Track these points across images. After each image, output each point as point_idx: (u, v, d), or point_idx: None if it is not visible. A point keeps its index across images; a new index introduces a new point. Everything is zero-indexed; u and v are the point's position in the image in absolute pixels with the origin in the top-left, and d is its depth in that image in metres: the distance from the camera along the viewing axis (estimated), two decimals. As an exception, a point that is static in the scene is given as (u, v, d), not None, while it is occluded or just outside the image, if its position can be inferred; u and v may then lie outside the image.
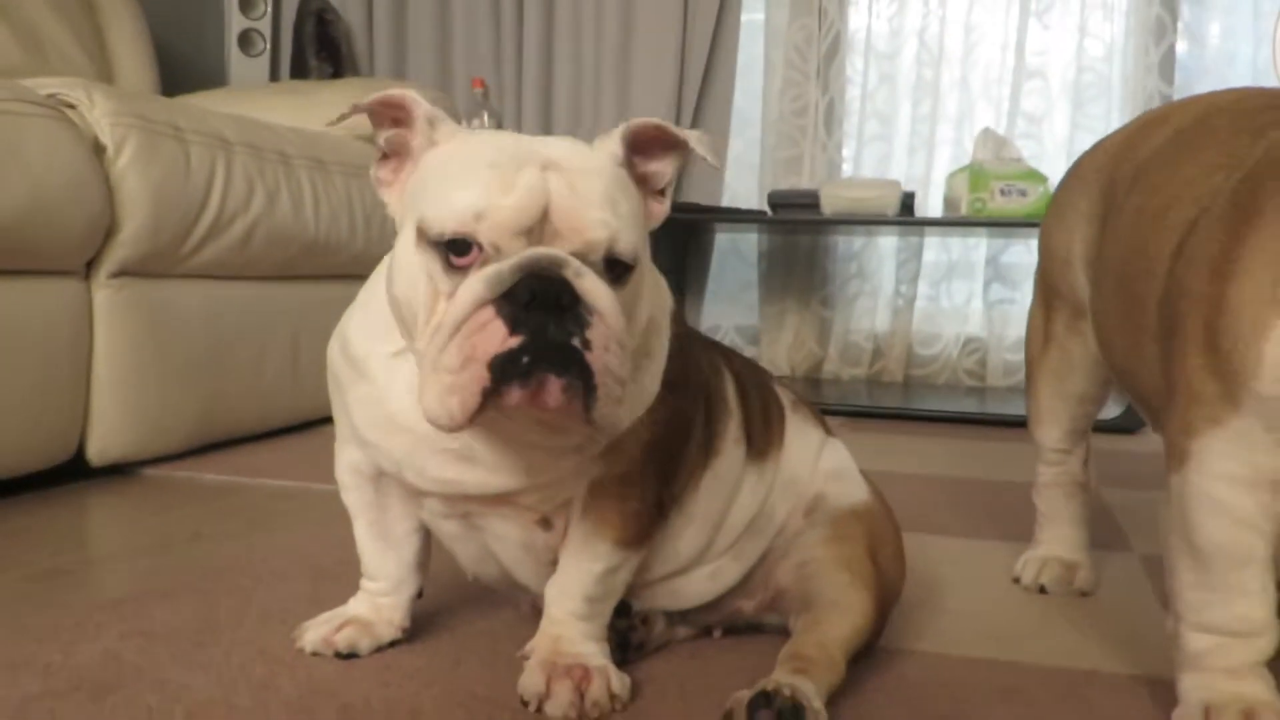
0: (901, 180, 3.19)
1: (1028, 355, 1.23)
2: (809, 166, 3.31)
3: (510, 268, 0.70)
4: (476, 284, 0.70)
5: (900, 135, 3.30)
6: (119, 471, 1.73)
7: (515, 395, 0.69)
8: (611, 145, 0.79)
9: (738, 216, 3.06)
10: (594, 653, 0.85)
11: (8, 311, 1.50)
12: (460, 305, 0.70)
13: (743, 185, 3.44)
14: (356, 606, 0.96)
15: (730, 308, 3.49)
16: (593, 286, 0.71)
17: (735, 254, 3.49)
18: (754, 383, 1.01)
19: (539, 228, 0.72)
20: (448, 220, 0.72)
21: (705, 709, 0.82)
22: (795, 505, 0.98)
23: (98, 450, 1.67)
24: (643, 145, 0.80)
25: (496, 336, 0.69)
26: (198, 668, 0.89)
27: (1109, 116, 3.09)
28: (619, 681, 0.84)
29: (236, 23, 3.53)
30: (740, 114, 3.41)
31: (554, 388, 0.69)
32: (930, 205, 3.14)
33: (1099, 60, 3.13)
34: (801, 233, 3.32)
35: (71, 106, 1.65)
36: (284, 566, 1.20)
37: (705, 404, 0.92)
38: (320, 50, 3.51)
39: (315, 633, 0.93)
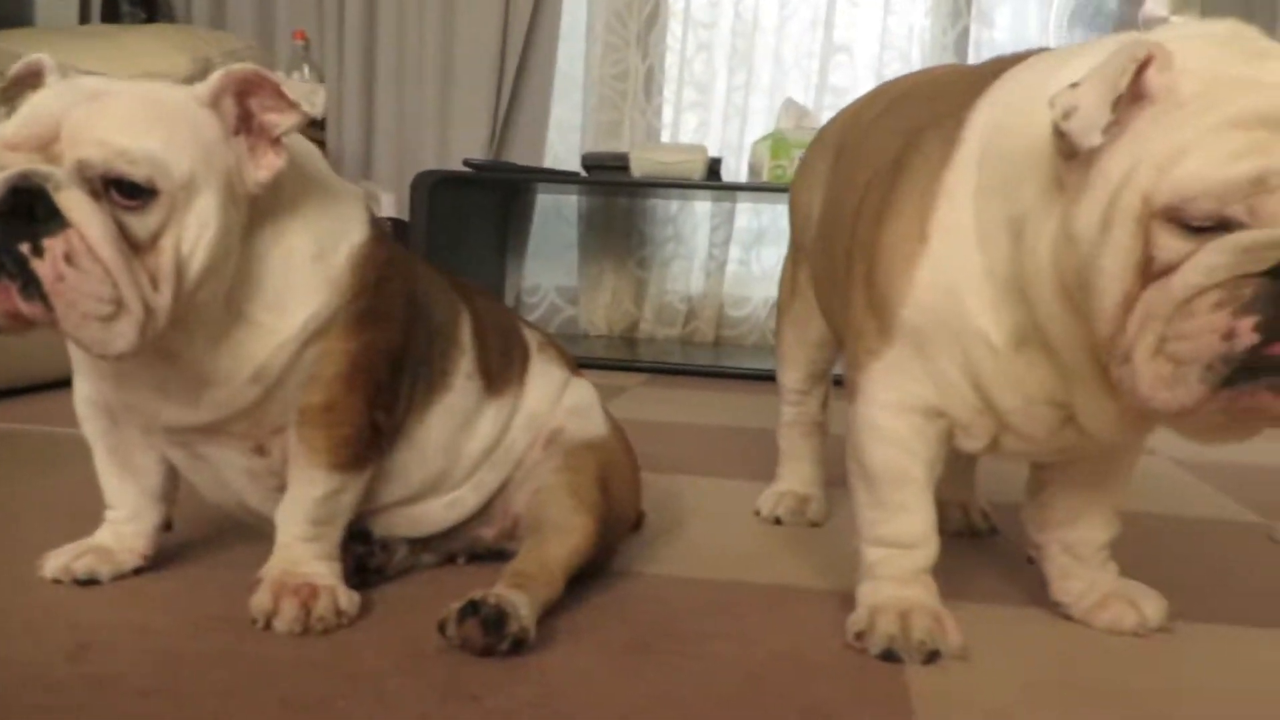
0: (716, 147, 3.30)
1: (778, 305, 1.33)
2: (629, 131, 3.38)
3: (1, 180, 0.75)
4: None
5: (716, 103, 3.40)
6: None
7: None
8: (200, 88, 0.83)
9: (550, 177, 3.11)
10: (323, 572, 0.90)
11: None
12: None
13: (565, 147, 3.49)
14: (99, 535, 0.98)
15: (550, 268, 3.55)
16: (72, 200, 0.75)
17: (557, 215, 3.54)
18: (496, 323, 1.07)
19: (55, 147, 0.77)
20: None
21: (430, 622, 0.88)
22: (535, 439, 1.05)
23: None
24: (248, 92, 0.84)
25: None
26: (-70, 595, 0.91)
27: (909, 92, 3.25)
28: (346, 599, 0.89)
29: (41, -41, 3.38)
30: (564, 77, 3.46)
31: (14, 294, 0.75)
32: (742, 172, 3.25)
33: (901, 39, 3.29)
34: (619, 195, 3.40)
35: None
36: (48, 507, 1.21)
37: (430, 341, 0.97)
38: (131, -6, 3.39)
39: (56, 561, 0.95)
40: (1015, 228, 0.79)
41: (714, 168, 2.86)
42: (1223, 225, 0.67)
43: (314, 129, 3.30)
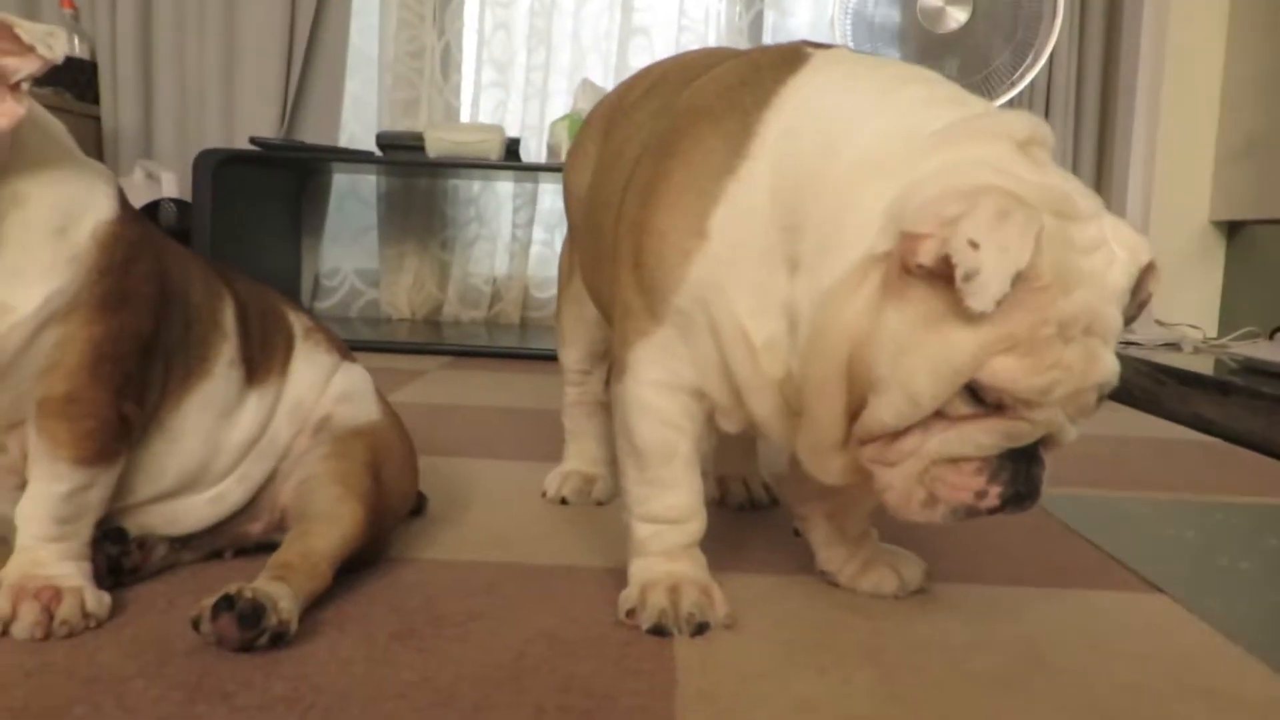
0: (517, 127, 3.28)
1: (558, 285, 1.33)
2: (426, 110, 3.33)
3: None
4: None
5: (516, 83, 3.38)
6: None
7: None
8: None
9: (344, 156, 3.03)
10: (69, 574, 0.85)
11: None
12: None
13: (360, 126, 3.41)
14: None
15: (349, 250, 3.47)
16: None
17: (354, 196, 3.46)
18: (259, 308, 1.03)
19: None
20: None
21: (184, 621, 0.84)
22: (301, 428, 1.01)
23: None
24: None
25: None
26: None
27: (705, 75, 3.31)
28: (94, 600, 0.85)
29: None
30: (358, 53, 3.38)
31: None
32: (543, 152, 3.24)
33: (698, 22, 3.35)
34: (419, 176, 3.34)
35: None
36: None
37: (187, 328, 0.93)
38: (-128, -46, 3.11)
39: None
40: (792, 266, 0.81)
41: (513, 148, 2.84)
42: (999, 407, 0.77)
43: (86, 104, 3.12)
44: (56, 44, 0.79)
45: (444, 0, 3.31)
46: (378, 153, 2.93)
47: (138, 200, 2.89)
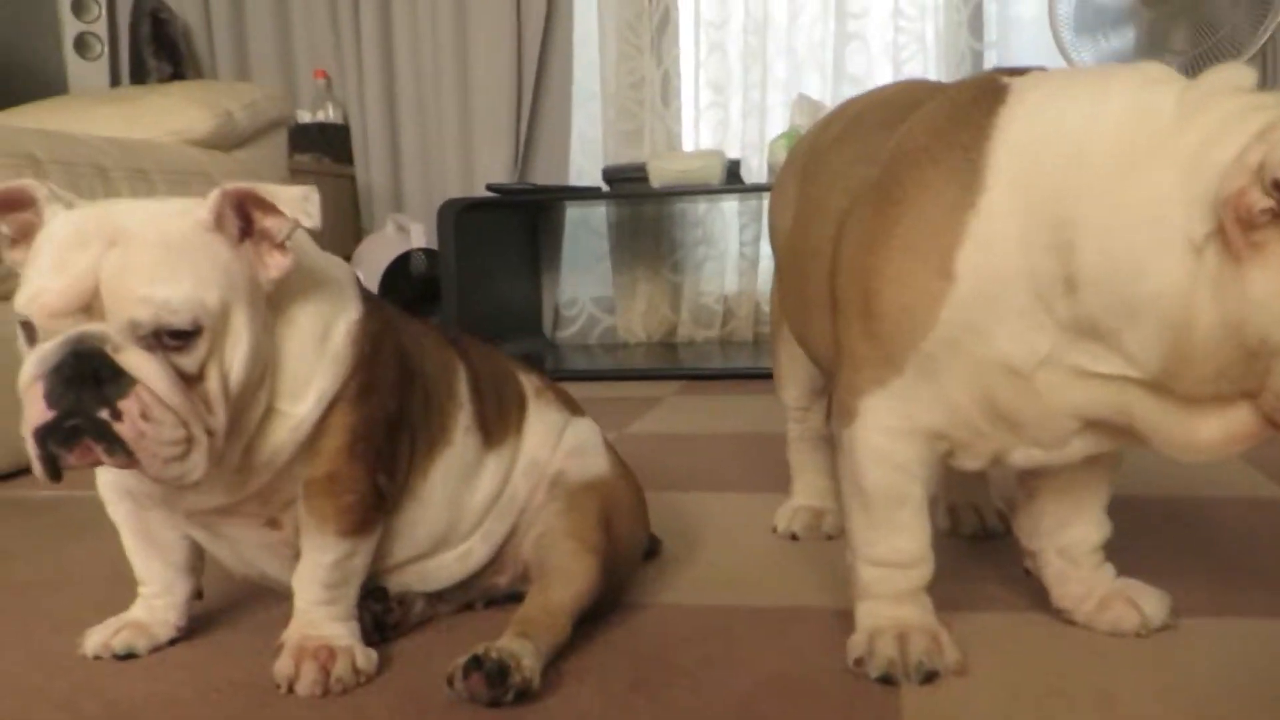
0: (738, 146, 3.32)
1: (770, 324, 1.35)
2: (649, 138, 3.41)
3: (54, 346, 0.80)
4: (28, 363, 0.81)
5: (734, 103, 3.41)
6: (-51, 493, 1.77)
7: (69, 460, 0.81)
8: (200, 211, 0.86)
9: (571, 194, 3.15)
10: (340, 634, 0.95)
11: None
12: (20, 382, 0.81)
13: (588, 159, 3.53)
14: (135, 610, 1.04)
15: (585, 280, 3.60)
16: (134, 359, 0.80)
17: (586, 227, 3.59)
18: (492, 373, 1.10)
19: (96, 303, 0.81)
20: (16, 305, 0.82)
21: (443, 675, 0.92)
22: (537, 484, 1.08)
23: (-77, 475, 1.71)
24: (243, 204, 0.87)
25: (37, 410, 0.80)
26: (-20, 680, 0.97)
27: (926, 74, 3.24)
28: (364, 658, 0.94)
29: (70, 27, 3.50)
30: (581, 88, 3.50)
31: (98, 451, 0.80)
32: (765, 170, 3.26)
33: (914, 21, 3.28)
34: (645, 203, 3.43)
35: None
36: (88, 576, 1.27)
37: (429, 400, 1.01)
38: (159, 50, 3.50)
39: (95, 638, 1.01)
40: (1069, 285, 0.79)
41: (734, 170, 2.88)
42: None
43: (341, 164, 3.38)
44: (313, 209, 0.87)
45: (660, 29, 3.39)
46: (604, 187, 3.03)
47: (390, 252, 3.11)
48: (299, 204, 0.86)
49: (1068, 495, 0.99)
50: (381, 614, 1.02)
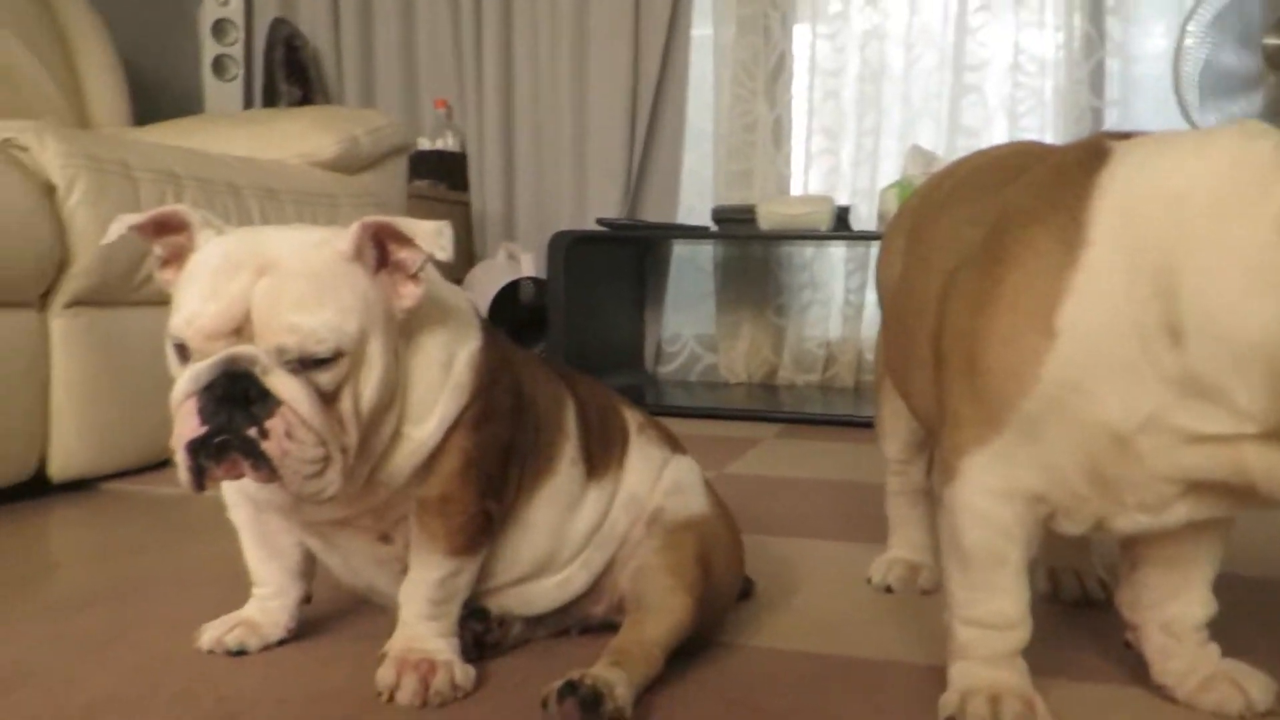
0: (848, 193, 3.33)
1: (875, 378, 1.36)
2: (759, 180, 3.44)
3: (207, 366, 0.85)
4: (182, 381, 0.86)
5: (846, 149, 3.42)
6: (81, 486, 1.86)
7: (216, 473, 0.86)
8: (341, 242, 0.91)
9: (679, 233, 3.20)
10: (441, 649, 0.98)
11: (-35, 343, 1.63)
12: (173, 399, 0.86)
13: (698, 198, 3.57)
14: (248, 610, 1.09)
15: (689, 317, 3.63)
16: (280, 382, 0.85)
17: (693, 265, 3.62)
18: (598, 408, 1.13)
19: (247, 327, 0.86)
20: (171, 326, 0.88)
21: (537, 697, 0.95)
22: (636, 518, 1.10)
23: (59, 467, 1.81)
24: (380, 237, 0.92)
25: (190, 425, 0.85)
26: (100, 667, 1.02)
27: (1043, 130, 3.22)
28: (462, 674, 0.97)
29: (210, 49, 3.67)
30: (693, 128, 3.54)
31: (245, 466, 0.85)
32: (874, 218, 3.26)
33: (1033, 76, 3.25)
34: (753, 244, 3.45)
35: (24, 149, 1.78)
36: (208, 574, 1.33)
37: (538, 431, 1.04)
38: (290, 75, 3.64)
39: (211, 633, 1.06)
40: (1174, 335, 0.79)
41: (842, 216, 2.89)
42: None
43: (458, 191, 3.48)
44: (446, 242, 0.92)
45: (774, 74, 3.42)
46: (713, 227, 3.06)
47: (500, 279, 3.18)
48: (434, 238, 0.91)
49: (1174, 568, 0.97)
50: (482, 633, 1.05)
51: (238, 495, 1.06)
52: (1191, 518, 0.87)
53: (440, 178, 3.50)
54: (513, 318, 3.25)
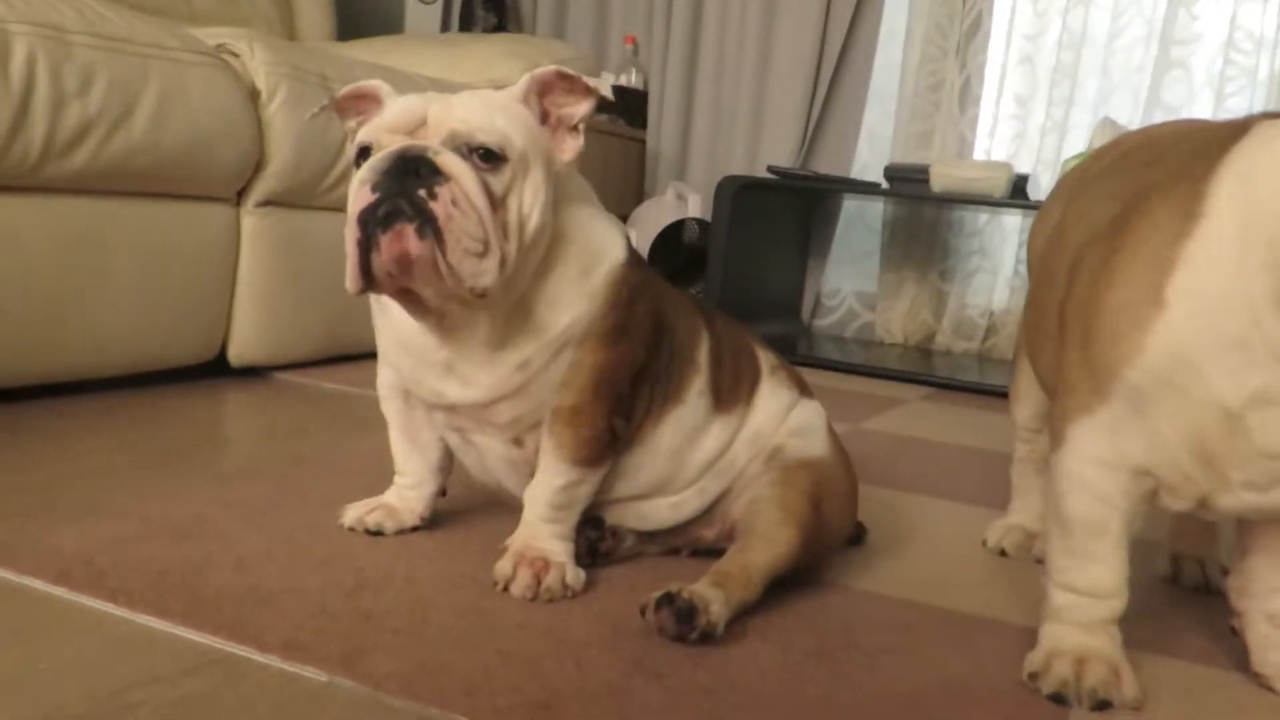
0: (1031, 161, 3.23)
1: (1016, 341, 1.35)
2: (940, 142, 3.37)
3: (384, 155, 0.93)
4: (362, 170, 0.94)
5: (1035, 117, 3.32)
6: (255, 373, 2.02)
7: (383, 244, 0.91)
8: (513, 89, 1.01)
9: (848, 187, 3.17)
10: (557, 550, 1.05)
11: (168, 230, 1.78)
12: (352, 186, 0.94)
13: (874, 156, 3.52)
14: (388, 495, 1.18)
15: (851, 272, 3.60)
16: (449, 160, 0.93)
17: (861, 222, 3.58)
18: (733, 346, 1.17)
19: (421, 131, 0.95)
20: (359, 136, 0.99)
21: (638, 606, 1.01)
22: (758, 454, 1.14)
23: (237, 353, 1.96)
24: (548, 90, 1.01)
25: (364, 198, 0.92)
26: (257, 529, 1.13)
27: (1251, 110, 3.04)
28: (573, 575, 1.04)
29: (414, -28, 3.80)
30: (878, 85, 3.49)
31: (409, 233, 0.91)
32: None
33: (1248, 54, 3.08)
34: (923, 206, 3.40)
35: (236, 55, 1.92)
36: (358, 462, 1.44)
37: (670, 359, 1.09)
38: (487, 2, 3.75)
39: (353, 513, 1.16)
40: None
41: (1020, 184, 2.81)
42: None
43: (635, 129, 3.53)
44: (606, 88, 1.04)
45: (969, 34, 3.33)
46: (884, 184, 3.03)
47: (666, 217, 3.23)
48: (598, 82, 1.00)
49: (1287, 559, 0.96)
50: (596, 540, 1.11)
51: (390, 389, 1.15)
52: None
53: (620, 114, 3.56)
54: (675, 257, 3.30)
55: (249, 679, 0.82)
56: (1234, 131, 0.87)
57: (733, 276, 3.05)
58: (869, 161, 3.52)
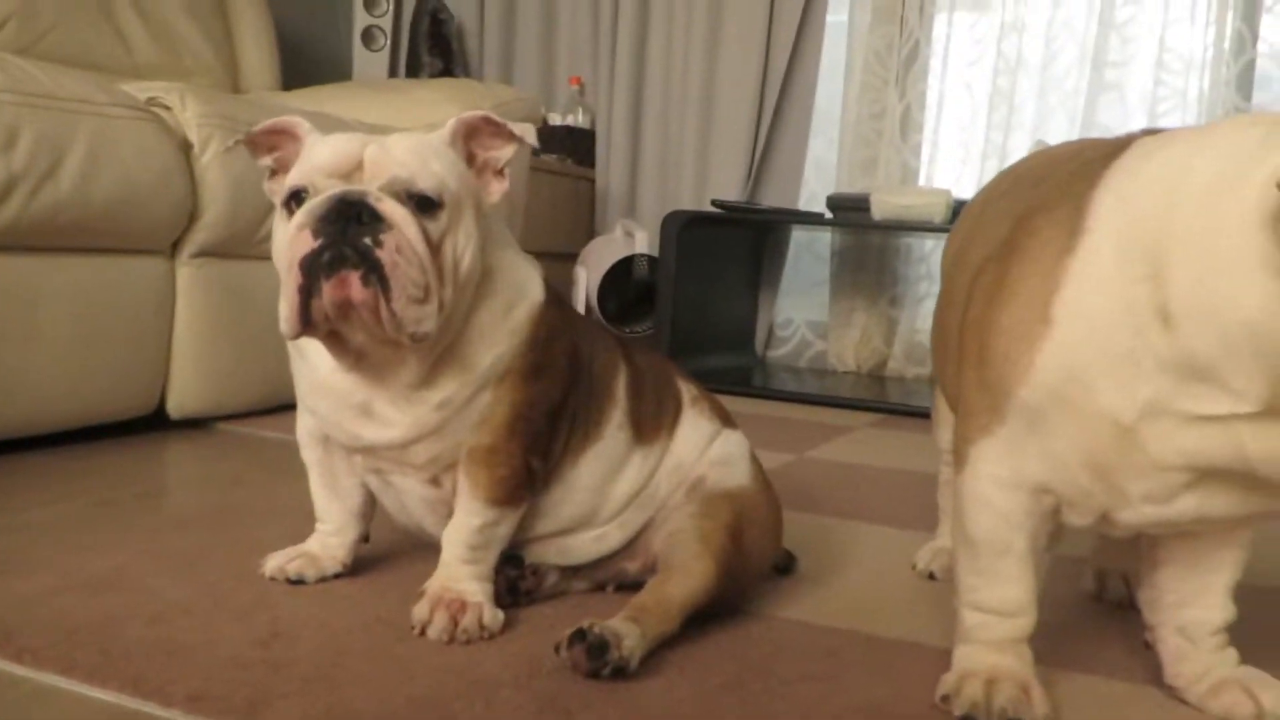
0: (973, 187, 3.28)
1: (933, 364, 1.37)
2: (883, 170, 3.41)
3: (322, 198, 0.94)
4: (299, 214, 0.94)
5: (975, 142, 3.37)
6: (197, 425, 2.01)
7: (325, 290, 0.91)
8: (441, 131, 1.02)
9: (796, 218, 3.20)
10: (475, 591, 1.05)
11: (102, 283, 1.78)
12: (289, 229, 0.94)
13: (821, 185, 3.56)
14: (309, 543, 1.18)
15: (803, 303, 3.63)
16: (391, 207, 0.93)
17: (810, 252, 3.62)
18: (654, 378, 1.18)
19: (357, 175, 0.96)
20: (290, 180, 0.98)
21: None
22: (678, 485, 1.15)
23: (177, 405, 1.95)
24: (474, 134, 1.03)
25: (305, 243, 0.92)
26: (180, 581, 1.13)
27: (1183, 130, 3.10)
28: (491, 615, 1.03)
29: (360, 20, 3.83)
30: (821, 114, 3.53)
31: (353, 280, 0.91)
32: (997, 212, 3.20)
33: (1177, 75, 3.14)
34: (871, 234, 3.43)
35: (167, 108, 1.92)
36: (295, 508, 1.43)
37: (589, 395, 1.10)
38: (433, 47, 3.78)
39: (274, 562, 1.16)
40: (1164, 318, 0.80)
41: (960, 209, 2.85)
42: None
43: (584, 168, 3.55)
44: (530, 134, 1.03)
45: (907, 64, 3.39)
46: (828, 214, 3.06)
47: (614, 254, 3.25)
48: (521, 128, 1.02)
49: (1193, 572, 0.97)
50: (516, 579, 1.11)
51: (309, 436, 1.15)
52: (1201, 512, 0.87)
53: (568, 153, 3.59)
54: (626, 293, 3.31)
55: (151, 734, 0.81)
56: (1115, 149, 0.90)
57: (683, 310, 3.07)
58: (816, 191, 3.56)
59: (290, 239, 0.94)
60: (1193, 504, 0.87)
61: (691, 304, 3.13)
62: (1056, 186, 0.92)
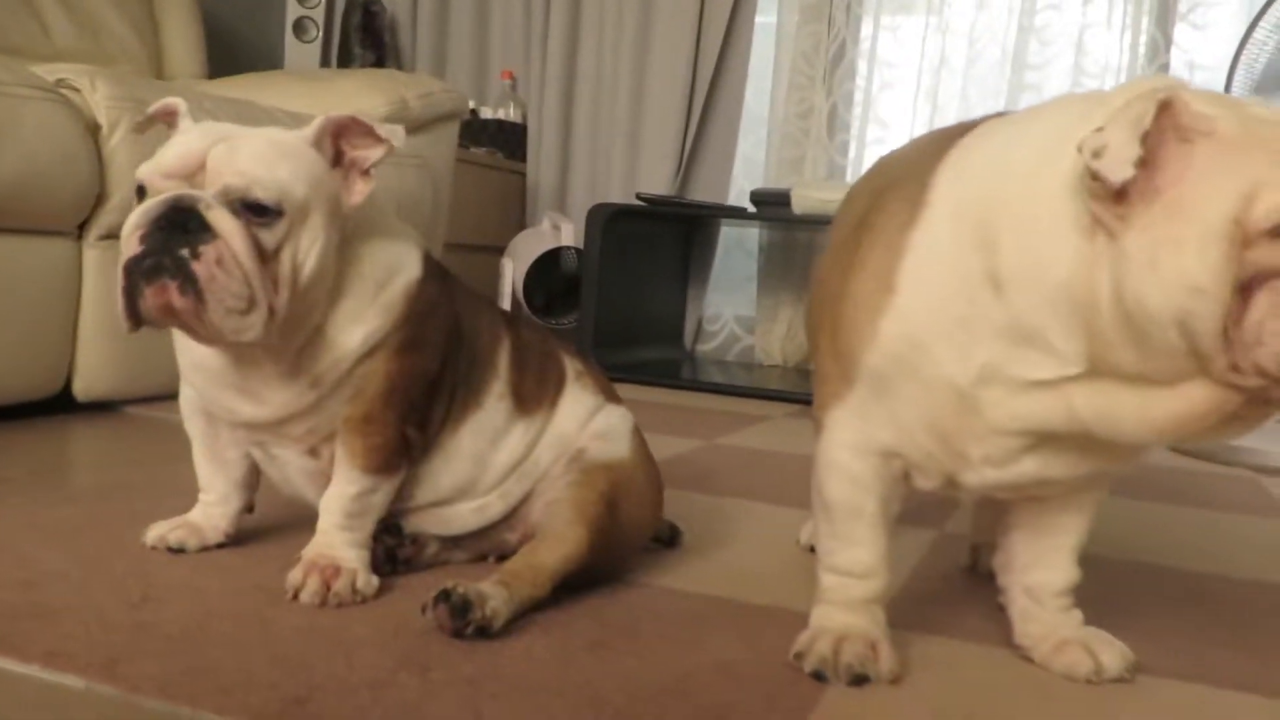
0: (894, 184, 3.33)
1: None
2: (810, 167, 3.46)
3: (156, 201, 0.95)
4: (132, 215, 0.95)
5: (900, 140, 3.42)
6: (104, 408, 2.00)
7: (147, 295, 0.94)
8: (305, 131, 1.02)
9: (719, 212, 3.24)
10: (350, 557, 1.06)
11: (6, 264, 1.77)
12: (123, 231, 0.95)
13: (750, 181, 3.60)
14: (192, 514, 1.19)
15: (732, 297, 3.67)
16: (219, 217, 0.94)
17: (740, 248, 3.66)
18: (538, 354, 1.20)
19: (201, 176, 0.96)
20: (138, 172, 0.98)
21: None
22: (559, 456, 1.17)
23: (84, 387, 1.94)
24: (344, 133, 1.04)
25: (132, 248, 0.94)
26: (63, 551, 1.13)
27: (1097, 131, 3.18)
28: (365, 580, 1.05)
29: (293, 11, 3.81)
30: (750, 113, 3.58)
31: (172, 289, 0.93)
32: (919, 209, 3.26)
33: (1093, 77, 3.22)
34: (796, 229, 3.48)
35: (76, 90, 1.92)
36: (188, 489, 1.43)
37: (470, 366, 1.12)
38: (365, 39, 3.77)
39: (156, 531, 1.16)
40: (995, 284, 0.84)
41: (880, 206, 2.90)
42: None
43: (515, 161, 3.56)
44: (398, 136, 1.04)
45: (834, 64, 3.44)
46: (751, 209, 3.10)
47: (541, 247, 3.27)
48: (389, 129, 1.03)
49: (1040, 537, 1.01)
50: (394, 547, 1.13)
51: (191, 407, 1.16)
52: (1042, 475, 0.91)
53: (499, 147, 3.60)
54: (553, 285, 3.33)
55: (5, 690, 0.82)
56: (963, 130, 0.94)
57: (609, 303, 3.09)
58: (745, 188, 3.60)
59: (123, 239, 0.96)
60: (1033, 467, 0.91)
61: (619, 297, 3.16)
62: (909, 165, 0.96)
